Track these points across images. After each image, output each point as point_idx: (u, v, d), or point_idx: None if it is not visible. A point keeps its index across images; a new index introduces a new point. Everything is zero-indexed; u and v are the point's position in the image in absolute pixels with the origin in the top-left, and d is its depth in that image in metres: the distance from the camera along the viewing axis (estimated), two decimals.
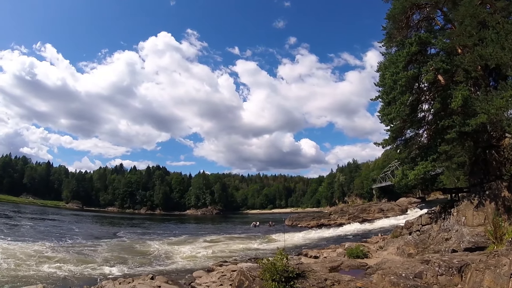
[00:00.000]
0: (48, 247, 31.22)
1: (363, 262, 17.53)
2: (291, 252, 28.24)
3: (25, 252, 27.35)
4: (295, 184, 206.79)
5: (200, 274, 20.30)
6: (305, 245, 36.02)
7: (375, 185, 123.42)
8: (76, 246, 33.63)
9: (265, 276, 10.77)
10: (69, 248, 32.07)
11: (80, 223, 68.08)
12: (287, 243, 35.76)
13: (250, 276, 11.67)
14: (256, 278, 11.33)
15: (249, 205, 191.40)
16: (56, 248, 30.93)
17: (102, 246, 34.43)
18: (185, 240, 42.28)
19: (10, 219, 61.92)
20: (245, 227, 68.80)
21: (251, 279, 11.54)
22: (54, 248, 31.06)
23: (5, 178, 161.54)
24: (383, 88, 22.40)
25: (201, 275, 20.15)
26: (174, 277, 20.58)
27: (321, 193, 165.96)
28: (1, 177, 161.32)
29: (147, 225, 73.97)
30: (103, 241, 38.80)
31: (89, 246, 34.30)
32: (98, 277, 20.74)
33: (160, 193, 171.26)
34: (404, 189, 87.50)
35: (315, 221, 64.23)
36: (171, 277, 20.19)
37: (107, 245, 35.28)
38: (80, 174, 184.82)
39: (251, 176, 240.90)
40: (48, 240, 36.31)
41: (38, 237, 37.85)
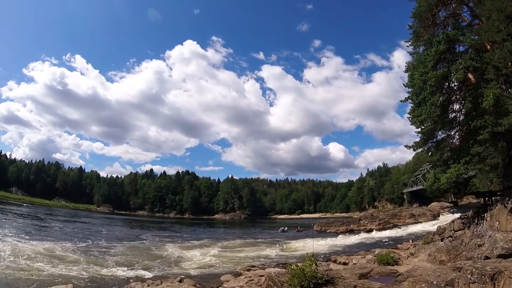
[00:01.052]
0: (75, 247, 32.03)
1: (394, 269, 17.04)
2: (320, 258, 27.89)
3: (52, 252, 28.04)
4: (324, 188, 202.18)
5: (227, 278, 20.24)
6: (334, 251, 35.51)
7: (406, 189, 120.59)
8: (102, 247, 34.29)
9: (293, 282, 10.63)
10: (95, 249, 32.84)
11: (109, 226, 69.85)
12: (315, 249, 35.34)
13: (278, 281, 11.54)
14: (284, 283, 11.19)
15: (277, 210, 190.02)
16: (83, 249, 31.74)
17: (130, 248, 35.16)
18: (210, 243, 42.22)
19: (41, 221, 63.82)
20: (272, 232, 68.52)
21: (279, 284, 11.41)
22: (81, 249, 31.85)
23: (38, 182, 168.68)
24: (412, 89, 21.83)
25: (229, 279, 20.08)
26: (201, 280, 20.64)
27: (351, 198, 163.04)
28: (34, 182, 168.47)
29: (176, 228, 74.84)
30: (131, 243, 39.72)
31: (116, 247, 34.92)
32: (127, 278, 21.01)
33: (189, 197, 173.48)
34: (436, 193, 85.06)
35: (344, 226, 63.25)
36: (199, 281, 20.27)
37: (134, 247, 36.01)
38: (112, 179, 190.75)
39: (279, 181, 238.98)
40: (76, 241, 37.36)
41: (66, 238, 38.83)
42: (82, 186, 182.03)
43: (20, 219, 59.65)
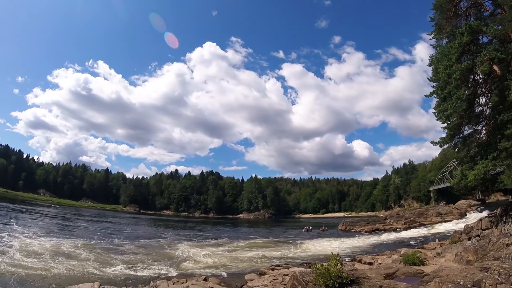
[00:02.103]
0: (100, 246, 32.95)
1: (420, 269, 16.70)
2: (345, 257, 27.64)
3: (78, 250, 28.69)
4: (349, 187, 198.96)
5: (252, 277, 20.26)
6: (359, 251, 35.05)
7: (433, 187, 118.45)
8: (126, 246, 34.83)
9: (318, 281, 10.55)
10: (120, 247, 33.53)
11: (134, 225, 71.44)
12: (340, 248, 35.01)
13: (303, 280, 11.48)
14: (309, 283, 11.12)
15: (301, 209, 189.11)
16: (107, 247, 32.50)
17: (154, 246, 35.79)
18: (234, 242, 42.35)
19: (68, 220, 65.56)
20: (297, 231, 68.31)
21: (303, 283, 11.35)
22: (105, 247, 32.63)
23: (65, 184, 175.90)
24: (437, 83, 21.26)
25: (253, 278, 20.10)
26: (226, 279, 20.74)
27: (376, 196, 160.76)
28: (62, 183, 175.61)
29: (201, 228, 75.58)
30: (156, 241, 40.36)
31: (140, 246, 35.58)
32: (152, 276, 21.31)
33: (214, 197, 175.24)
34: (463, 191, 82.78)
35: (369, 225, 62.35)
36: (223, 279, 20.37)
37: (159, 245, 36.51)
38: (137, 180, 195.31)
39: (303, 180, 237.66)
40: (100, 239, 38.49)
41: (92, 237, 39.88)
42: (108, 187, 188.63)
43: (47, 219, 61.57)
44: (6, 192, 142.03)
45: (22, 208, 79.28)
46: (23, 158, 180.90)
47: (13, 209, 70.59)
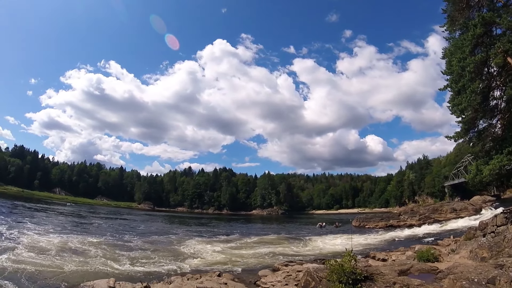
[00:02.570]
0: (114, 242, 33.30)
1: (434, 266, 16.56)
2: (358, 254, 27.54)
3: (92, 246, 28.94)
4: (362, 183, 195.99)
5: (265, 273, 20.35)
6: (373, 247, 34.88)
7: (447, 182, 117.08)
8: (140, 242, 35.13)
9: (332, 277, 10.54)
10: (133, 243, 33.87)
11: (149, 222, 72.09)
12: (354, 244, 34.88)
13: (317, 276, 11.48)
14: (322, 279, 11.13)
15: (314, 205, 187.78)
16: (121, 244, 32.85)
17: (167, 242, 36.00)
18: (246, 239, 42.37)
19: (83, 218, 66.25)
20: (310, 227, 68.16)
21: (317, 280, 11.35)
22: (119, 243, 33.00)
23: (80, 182, 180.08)
24: (451, 76, 20.99)
25: (267, 274, 20.19)
26: (239, 275, 20.85)
27: (390, 192, 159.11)
28: (77, 182, 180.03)
29: (214, 224, 75.87)
30: (170, 237, 40.64)
31: (154, 242, 35.93)
32: (166, 272, 21.44)
33: (227, 193, 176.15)
34: (478, 187, 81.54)
35: (383, 222, 61.86)
36: (237, 275, 20.48)
37: (171, 241, 36.70)
38: (151, 178, 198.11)
39: (316, 176, 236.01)
40: (115, 236, 38.94)
41: (106, 234, 40.29)
42: (123, 185, 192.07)
43: (62, 217, 62.11)
44: (22, 191, 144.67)
45: (38, 206, 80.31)
46: (38, 158, 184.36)
47: (28, 207, 71.48)
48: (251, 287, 17.54)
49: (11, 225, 37.86)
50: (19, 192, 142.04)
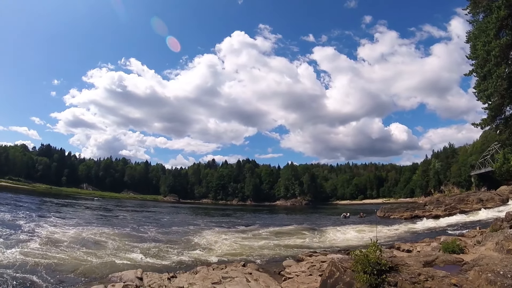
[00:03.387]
0: (139, 234, 34.05)
1: (459, 257, 16.22)
2: (383, 244, 27.27)
3: (116, 238, 29.52)
4: (387, 172, 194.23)
5: (289, 264, 20.39)
6: (398, 238, 34.55)
7: (474, 171, 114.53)
8: (165, 233, 36.02)
9: (356, 268, 10.49)
10: (158, 234, 34.60)
11: (174, 214, 73.51)
12: (379, 235, 34.55)
13: (341, 267, 11.43)
14: (347, 269, 11.08)
15: (338, 195, 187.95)
16: (146, 235, 33.73)
17: (191, 233, 36.25)
18: (270, 229, 42.26)
19: (110, 211, 67.98)
20: (333, 218, 67.94)
21: (342, 270, 11.30)
22: (144, 235, 33.81)
23: (107, 177, 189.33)
24: (476, 61, 20.41)
25: (291, 264, 20.23)
26: (263, 265, 20.96)
27: (415, 182, 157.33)
28: (103, 177, 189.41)
29: (238, 215, 76.40)
30: (194, 228, 41.21)
31: (179, 233, 36.73)
32: (192, 262, 21.84)
33: (251, 185, 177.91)
34: (505, 176, 79.08)
35: (408, 212, 61.03)
36: (261, 265, 20.59)
37: (195, 231, 37.16)
38: (176, 171, 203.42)
39: (340, 166, 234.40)
40: (139, 227, 39.80)
41: (131, 226, 41.08)
42: (148, 179, 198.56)
43: (89, 211, 63.95)
44: (50, 188, 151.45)
45: (66, 202, 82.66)
46: (65, 156, 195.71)
47: (56, 203, 73.62)
48: (275, 277, 17.58)
49: (38, 219, 39.22)
50: (47, 189, 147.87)
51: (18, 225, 32.43)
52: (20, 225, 32.56)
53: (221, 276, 16.29)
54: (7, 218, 36.95)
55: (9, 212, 43.52)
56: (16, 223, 33.69)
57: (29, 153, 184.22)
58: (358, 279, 10.13)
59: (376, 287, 9.89)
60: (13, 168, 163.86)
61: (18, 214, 41.59)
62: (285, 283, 15.96)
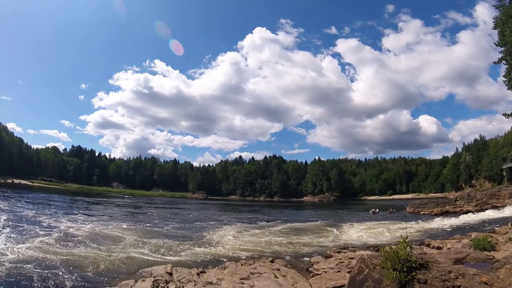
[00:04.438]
0: (169, 229, 34.81)
1: (490, 255, 15.77)
2: (413, 241, 26.79)
3: (145, 234, 30.21)
4: (417, 167, 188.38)
5: (317, 260, 20.35)
6: (428, 235, 33.87)
7: (505, 165, 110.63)
8: (193, 228, 36.95)
9: (386, 264, 10.38)
10: (185, 230, 35.49)
11: (202, 210, 74.69)
12: (409, 231, 33.98)
13: (371, 263, 11.35)
14: (376, 266, 11.01)
15: (367, 191, 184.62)
16: (173, 230, 34.44)
17: (221, 226, 37.09)
18: (296, 224, 42.29)
19: (140, 208, 69.15)
20: (362, 214, 67.10)
21: (371, 267, 11.23)
22: (174, 230, 34.60)
23: (136, 176, 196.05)
24: (505, 48, 19.69)
25: (319, 260, 20.19)
26: (291, 261, 20.97)
27: (446, 176, 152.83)
28: (133, 176, 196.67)
29: (266, 211, 77.11)
30: (222, 223, 41.62)
31: (206, 228, 37.11)
32: (221, 258, 22.00)
33: (278, 181, 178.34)
34: None
35: (438, 208, 59.67)
36: (289, 261, 20.63)
37: (225, 228, 37.21)
38: (204, 168, 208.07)
39: (368, 160, 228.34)
40: (168, 224, 40.47)
41: (158, 222, 41.97)
42: (177, 176, 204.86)
43: (121, 208, 65.56)
44: (81, 187, 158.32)
45: (97, 200, 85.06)
46: (95, 156, 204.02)
47: (88, 201, 75.80)
48: (303, 273, 17.60)
49: (70, 216, 40.55)
50: (78, 188, 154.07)
51: (55, 221, 33.47)
52: (57, 221, 33.74)
53: (249, 272, 16.44)
54: (43, 215, 38.19)
55: (43, 209, 45.14)
56: (53, 219, 34.72)
57: (60, 155, 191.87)
58: (387, 276, 10.03)
59: (406, 284, 9.78)
60: (45, 170, 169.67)
61: (53, 212, 43.08)
62: (313, 279, 15.94)
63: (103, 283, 16.04)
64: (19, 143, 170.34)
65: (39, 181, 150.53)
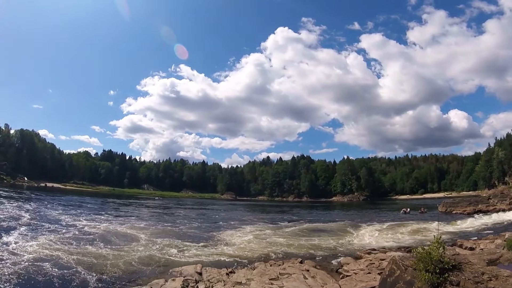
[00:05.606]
0: (198, 229, 35.77)
1: None
2: (445, 241, 26.13)
3: (175, 234, 31.08)
4: (448, 164, 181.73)
5: (347, 261, 20.16)
6: (460, 235, 33.19)
7: None
8: (220, 228, 37.54)
9: (418, 266, 10.18)
10: (214, 230, 35.95)
11: (230, 211, 75.17)
12: (441, 231, 33.26)
13: (402, 265, 11.16)
14: (408, 267, 10.81)
15: (397, 190, 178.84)
16: (202, 231, 35.36)
17: (248, 230, 36.26)
18: (324, 224, 42.05)
19: (170, 209, 70.85)
20: (393, 214, 65.89)
21: (403, 268, 11.03)
22: (200, 230, 35.43)
23: (167, 178, 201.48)
24: None
25: (349, 261, 20.00)
26: (320, 262, 20.85)
27: (478, 173, 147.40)
28: (163, 178, 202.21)
29: (294, 212, 76.77)
30: (250, 224, 40.91)
31: (236, 228, 37.62)
32: (249, 257, 22.34)
33: (306, 181, 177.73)
34: None
35: (471, 206, 58.22)
36: (318, 262, 20.51)
37: (253, 229, 37.16)
38: (232, 169, 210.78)
39: (398, 158, 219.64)
40: (197, 224, 41.78)
41: (188, 222, 42.98)
42: (206, 178, 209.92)
43: (152, 209, 66.96)
44: (113, 190, 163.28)
45: (128, 202, 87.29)
46: (126, 159, 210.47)
47: (119, 203, 77.51)
48: (332, 274, 17.48)
49: (101, 217, 41.92)
50: (110, 190, 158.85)
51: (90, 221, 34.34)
52: (93, 220, 34.77)
53: (278, 272, 16.44)
54: (76, 216, 39.11)
55: (75, 211, 46.57)
56: (86, 220, 35.62)
57: (92, 159, 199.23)
58: (419, 278, 9.85)
59: (438, 286, 9.60)
60: (77, 173, 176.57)
61: (86, 213, 44.27)
62: (342, 281, 15.82)
63: (134, 281, 16.49)
64: (52, 148, 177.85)
65: (71, 184, 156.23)
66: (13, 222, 30.15)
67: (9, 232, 25.11)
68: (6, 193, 65.38)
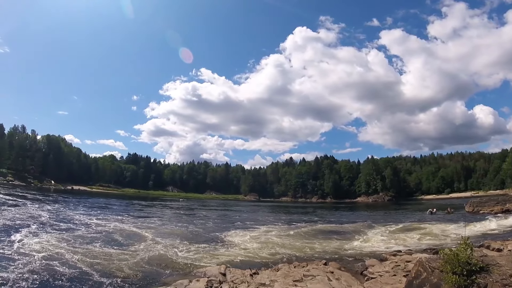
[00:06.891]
0: (218, 231, 35.40)
1: None
2: (472, 243, 25.51)
3: (199, 234, 31.76)
4: (475, 162, 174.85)
5: (372, 263, 19.90)
6: (488, 235, 32.31)
7: None
8: (243, 229, 37.50)
9: (445, 268, 10.01)
10: (238, 231, 36.16)
11: (253, 212, 75.80)
12: (468, 232, 32.41)
13: (429, 267, 11.01)
14: (435, 269, 10.65)
15: (423, 190, 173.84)
16: (225, 231, 35.01)
17: (271, 231, 36.26)
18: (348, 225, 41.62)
19: (194, 210, 72.12)
20: (419, 214, 64.65)
21: (429, 270, 10.88)
22: (224, 231, 35.07)
23: (190, 180, 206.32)
24: None
25: (374, 263, 19.73)
26: (345, 264, 20.65)
27: (506, 171, 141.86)
28: (187, 180, 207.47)
29: (318, 213, 76.22)
30: (275, 226, 41.00)
31: (259, 230, 37.55)
32: (272, 259, 22.32)
33: (330, 181, 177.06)
34: None
35: (499, 206, 56.46)
36: (343, 264, 20.28)
37: (277, 230, 37.16)
38: (255, 170, 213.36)
39: (424, 157, 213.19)
40: (221, 224, 42.57)
41: (211, 223, 43.94)
42: (229, 179, 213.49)
43: (176, 210, 68.19)
44: (138, 192, 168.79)
45: (153, 203, 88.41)
46: (150, 162, 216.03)
47: (145, 204, 79.19)
48: (357, 276, 17.28)
49: (128, 218, 42.86)
50: (135, 193, 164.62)
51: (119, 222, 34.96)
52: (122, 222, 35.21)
53: (302, 274, 16.38)
54: (103, 216, 39.75)
55: (101, 211, 47.36)
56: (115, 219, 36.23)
57: (117, 162, 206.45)
58: (446, 280, 9.68)
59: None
60: (103, 176, 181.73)
61: (112, 214, 44.92)
62: (367, 283, 15.64)
63: (158, 281, 16.74)
64: (78, 152, 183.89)
65: (97, 187, 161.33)
66: (32, 221, 31.63)
67: (39, 229, 25.91)
68: (32, 196, 67.37)
